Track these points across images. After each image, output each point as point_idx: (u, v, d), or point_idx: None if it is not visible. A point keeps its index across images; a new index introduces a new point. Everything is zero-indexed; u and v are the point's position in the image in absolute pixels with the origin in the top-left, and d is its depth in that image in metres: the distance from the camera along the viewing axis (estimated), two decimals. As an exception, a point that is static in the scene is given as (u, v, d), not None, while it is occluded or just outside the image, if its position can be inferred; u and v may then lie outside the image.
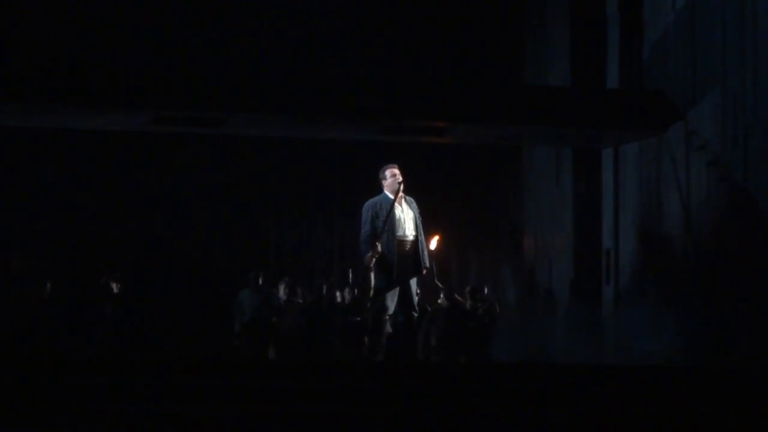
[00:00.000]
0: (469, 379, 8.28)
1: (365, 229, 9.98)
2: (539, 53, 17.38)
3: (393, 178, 10.02)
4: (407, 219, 10.04)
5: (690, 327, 13.12)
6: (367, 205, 10.05)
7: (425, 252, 10.08)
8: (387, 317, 9.97)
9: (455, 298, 14.62)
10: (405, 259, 9.97)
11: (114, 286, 14.48)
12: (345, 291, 15.24)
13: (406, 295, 9.99)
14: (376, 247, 9.84)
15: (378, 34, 17.87)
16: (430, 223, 11.03)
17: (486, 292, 15.40)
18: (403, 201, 10.04)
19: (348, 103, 13.94)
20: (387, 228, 9.88)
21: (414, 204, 10.13)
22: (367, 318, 10.11)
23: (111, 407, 6.84)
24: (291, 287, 15.31)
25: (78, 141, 16.59)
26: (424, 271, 10.12)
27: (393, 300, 9.94)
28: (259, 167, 17.95)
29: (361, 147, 15.85)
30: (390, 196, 9.98)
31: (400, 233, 9.97)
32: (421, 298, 10.90)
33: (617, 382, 8.25)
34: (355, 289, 14.37)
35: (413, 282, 10.07)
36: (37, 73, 13.44)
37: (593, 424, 7.09)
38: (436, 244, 12.11)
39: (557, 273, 16.49)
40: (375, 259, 9.85)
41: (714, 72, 13.37)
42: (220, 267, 17.46)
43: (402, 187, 9.97)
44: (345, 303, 15.03)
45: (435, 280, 13.35)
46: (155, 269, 17.15)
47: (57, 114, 13.96)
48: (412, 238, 10.03)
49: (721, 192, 13.13)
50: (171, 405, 7.00)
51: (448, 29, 17.92)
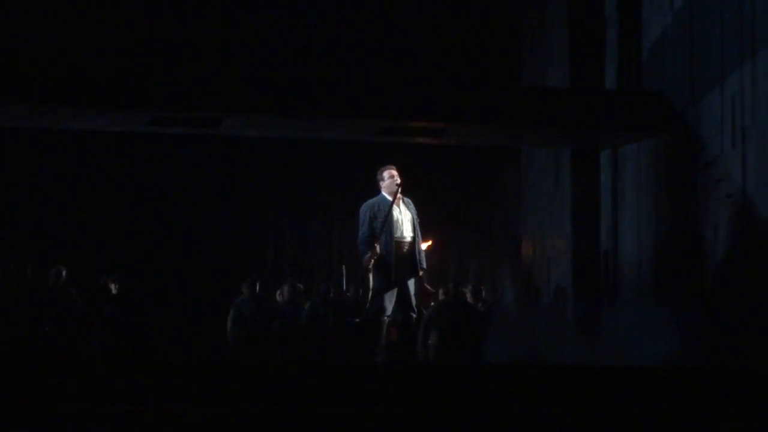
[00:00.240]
0: (468, 380, 8.28)
1: (363, 231, 9.98)
2: (537, 54, 17.37)
3: (391, 179, 10.02)
4: (405, 220, 10.04)
5: (688, 328, 13.11)
6: (365, 207, 10.05)
7: (422, 253, 10.09)
8: (385, 318, 9.98)
9: (459, 290, 14.59)
10: (403, 260, 9.97)
11: (113, 286, 14.46)
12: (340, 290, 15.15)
13: (404, 296, 10.00)
14: (374, 249, 9.84)
15: (377, 35, 17.86)
16: (429, 225, 11.04)
17: (483, 294, 15.38)
18: (401, 202, 10.04)
19: (346, 104, 13.93)
20: (385, 229, 9.88)
21: (412, 205, 10.13)
22: (366, 319, 10.10)
23: (111, 408, 6.84)
24: (294, 288, 15.18)
25: (76, 141, 16.57)
26: (421, 272, 10.12)
27: (391, 301, 9.95)
28: (258, 167, 17.93)
29: (360, 147, 15.84)
30: (388, 197, 9.98)
31: (397, 234, 9.97)
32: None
33: (616, 382, 8.25)
34: (350, 290, 14.34)
35: (411, 283, 10.08)
36: (36, 74, 13.43)
37: (593, 424, 7.10)
38: (425, 248, 12.10)
39: (556, 274, 16.48)
40: (373, 261, 9.86)
41: (712, 73, 13.38)
42: (219, 267, 17.44)
43: (400, 189, 9.97)
44: (339, 302, 14.92)
45: (424, 283, 13.37)
46: (154, 270, 17.12)
47: (55, 115, 13.95)
48: (409, 239, 10.03)
49: (720, 193, 13.14)
50: (171, 405, 7.00)
51: (446, 30, 17.91)
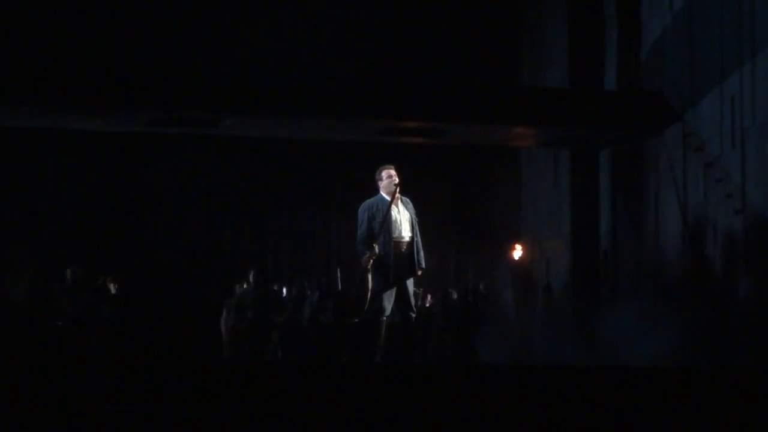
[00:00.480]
0: (467, 380, 8.28)
1: (362, 231, 9.97)
2: (537, 54, 17.38)
3: (389, 179, 10.00)
4: (403, 220, 10.03)
5: (687, 327, 13.13)
6: (364, 207, 10.04)
7: (421, 253, 10.08)
8: (384, 318, 9.98)
9: (448, 292, 14.71)
10: (401, 260, 9.96)
11: (111, 286, 14.46)
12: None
13: (403, 296, 9.98)
14: (373, 249, 9.83)
15: (376, 36, 17.87)
16: (428, 224, 11.03)
17: (481, 288, 15.45)
18: (400, 202, 10.03)
19: (346, 105, 13.95)
20: (383, 229, 9.88)
21: (410, 205, 10.12)
22: (365, 319, 10.09)
23: (110, 408, 6.85)
24: (299, 285, 15.12)
25: (75, 141, 16.58)
26: (419, 272, 10.12)
27: (390, 301, 9.94)
28: (258, 167, 17.95)
29: (360, 147, 15.85)
30: (386, 197, 9.97)
31: (396, 234, 9.95)
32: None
33: (615, 383, 8.25)
34: (347, 290, 14.34)
35: (410, 283, 10.06)
36: (35, 75, 13.45)
37: (592, 425, 7.10)
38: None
39: (555, 273, 16.50)
40: (372, 261, 9.86)
41: (712, 73, 13.39)
42: (218, 267, 17.45)
43: (398, 188, 9.96)
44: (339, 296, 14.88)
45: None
46: (153, 270, 17.13)
47: (55, 115, 13.98)
48: (407, 239, 10.01)
49: (719, 193, 13.16)
50: (171, 405, 7.01)
51: (445, 31, 17.92)
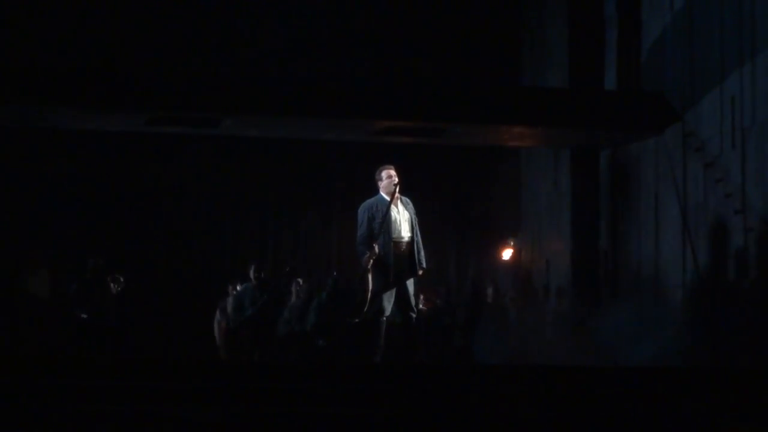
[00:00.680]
0: (467, 381, 8.27)
1: (361, 231, 9.96)
2: (537, 54, 17.36)
3: (389, 179, 10.00)
4: (403, 220, 10.02)
5: (687, 327, 13.12)
6: (363, 207, 10.04)
7: (422, 253, 10.06)
8: (384, 318, 9.97)
9: (432, 298, 14.75)
10: (401, 261, 9.95)
11: (113, 286, 14.44)
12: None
13: (403, 297, 9.98)
14: (373, 249, 9.83)
15: (376, 35, 17.86)
16: (428, 224, 11.02)
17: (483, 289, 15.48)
18: (399, 202, 10.02)
19: (346, 104, 13.94)
20: (383, 229, 9.87)
21: (410, 205, 10.11)
22: (366, 320, 10.08)
23: (111, 408, 6.84)
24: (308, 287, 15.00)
25: (76, 141, 16.57)
26: (420, 272, 10.10)
27: (390, 301, 9.93)
28: (257, 167, 17.93)
29: (359, 146, 15.84)
30: (386, 197, 9.96)
31: (395, 234, 9.95)
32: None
33: (614, 383, 8.25)
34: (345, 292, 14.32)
35: (410, 283, 10.05)
36: (35, 75, 13.44)
37: (592, 425, 7.09)
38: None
39: (555, 274, 16.49)
40: (372, 261, 9.85)
41: (712, 73, 13.39)
42: (217, 267, 17.44)
43: (398, 189, 9.95)
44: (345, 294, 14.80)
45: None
46: (153, 269, 17.13)
47: (54, 115, 13.97)
48: (407, 239, 10.01)
49: (719, 193, 13.15)
50: (171, 405, 7.00)
51: (446, 30, 17.91)
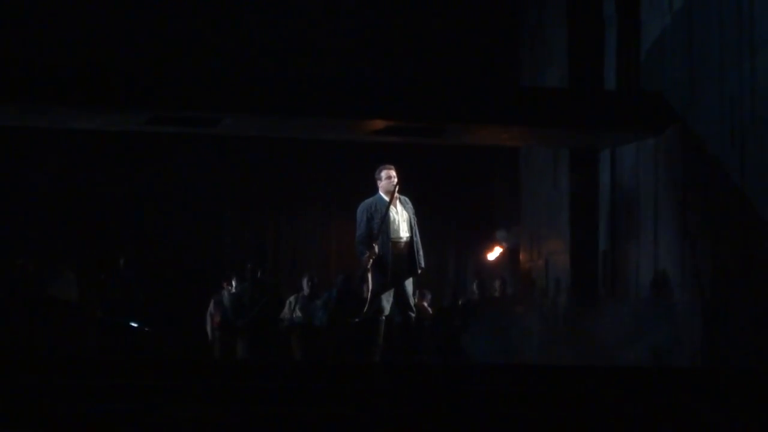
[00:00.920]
0: (466, 381, 8.27)
1: (360, 231, 9.98)
2: (536, 54, 17.35)
3: (388, 180, 10.02)
4: (401, 220, 10.04)
5: (686, 327, 13.12)
6: (362, 207, 10.06)
7: (420, 252, 10.07)
8: (383, 318, 9.98)
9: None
10: (399, 260, 9.97)
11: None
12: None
13: (402, 296, 9.99)
14: (373, 249, 9.84)
15: (376, 35, 17.85)
16: (427, 224, 11.02)
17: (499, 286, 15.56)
18: (398, 202, 10.03)
19: (346, 104, 13.93)
20: (382, 229, 9.88)
21: (409, 204, 10.12)
22: (366, 319, 10.09)
23: (110, 408, 6.84)
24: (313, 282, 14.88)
25: (76, 141, 16.56)
26: (419, 272, 10.11)
27: (389, 301, 9.95)
28: (257, 166, 17.93)
29: (359, 146, 15.83)
30: (385, 197, 9.98)
31: (394, 234, 9.97)
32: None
33: (614, 383, 8.25)
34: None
35: (409, 283, 10.06)
36: (34, 74, 13.42)
37: (591, 425, 7.09)
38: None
39: (554, 274, 16.48)
40: (372, 261, 9.86)
41: (711, 73, 13.38)
42: (217, 267, 17.42)
43: (397, 189, 9.96)
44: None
45: None
46: (153, 269, 17.12)
47: (54, 114, 13.95)
48: (406, 238, 10.02)
49: (718, 193, 13.14)
50: (171, 405, 7.00)
51: (445, 30, 17.90)
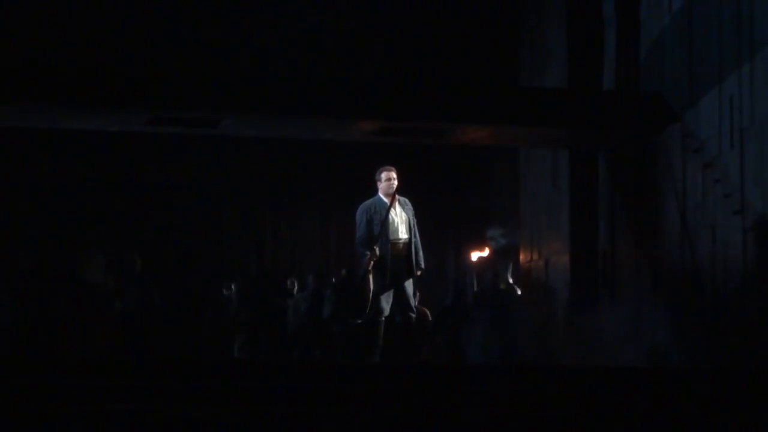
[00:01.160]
0: (466, 381, 8.28)
1: (360, 233, 9.99)
2: (536, 54, 17.35)
3: (388, 182, 10.03)
4: (401, 222, 10.05)
5: (686, 327, 13.13)
6: (362, 209, 10.07)
7: (420, 253, 10.08)
8: (382, 319, 9.99)
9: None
10: (399, 262, 9.98)
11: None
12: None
13: (402, 297, 10.00)
14: (374, 250, 9.85)
15: (375, 35, 17.86)
16: (427, 224, 11.03)
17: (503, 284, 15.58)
18: (397, 203, 10.04)
19: (346, 104, 13.93)
20: (382, 231, 9.89)
21: (408, 205, 10.13)
22: (367, 320, 10.11)
23: (111, 408, 6.84)
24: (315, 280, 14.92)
25: (76, 141, 16.57)
26: (419, 273, 10.11)
27: (388, 302, 9.96)
28: (257, 166, 17.94)
29: (359, 146, 15.84)
30: (384, 198, 9.98)
31: (393, 236, 9.98)
32: None
33: (614, 383, 8.25)
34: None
35: (409, 284, 10.06)
36: (34, 74, 13.42)
37: (592, 425, 7.10)
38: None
39: (553, 274, 16.48)
40: (372, 262, 9.87)
41: (710, 74, 13.38)
42: (216, 267, 17.44)
43: (396, 191, 9.98)
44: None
45: None
46: (153, 269, 17.12)
47: (54, 115, 13.95)
48: (405, 240, 10.03)
49: (717, 193, 13.14)
50: (171, 405, 7.00)
51: (444, 30, 17.91)
